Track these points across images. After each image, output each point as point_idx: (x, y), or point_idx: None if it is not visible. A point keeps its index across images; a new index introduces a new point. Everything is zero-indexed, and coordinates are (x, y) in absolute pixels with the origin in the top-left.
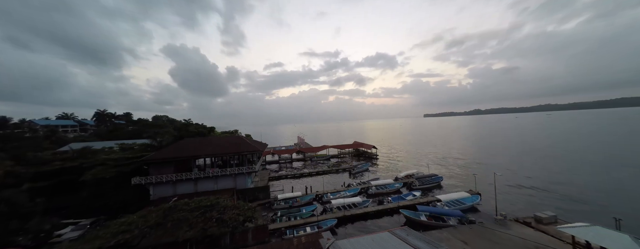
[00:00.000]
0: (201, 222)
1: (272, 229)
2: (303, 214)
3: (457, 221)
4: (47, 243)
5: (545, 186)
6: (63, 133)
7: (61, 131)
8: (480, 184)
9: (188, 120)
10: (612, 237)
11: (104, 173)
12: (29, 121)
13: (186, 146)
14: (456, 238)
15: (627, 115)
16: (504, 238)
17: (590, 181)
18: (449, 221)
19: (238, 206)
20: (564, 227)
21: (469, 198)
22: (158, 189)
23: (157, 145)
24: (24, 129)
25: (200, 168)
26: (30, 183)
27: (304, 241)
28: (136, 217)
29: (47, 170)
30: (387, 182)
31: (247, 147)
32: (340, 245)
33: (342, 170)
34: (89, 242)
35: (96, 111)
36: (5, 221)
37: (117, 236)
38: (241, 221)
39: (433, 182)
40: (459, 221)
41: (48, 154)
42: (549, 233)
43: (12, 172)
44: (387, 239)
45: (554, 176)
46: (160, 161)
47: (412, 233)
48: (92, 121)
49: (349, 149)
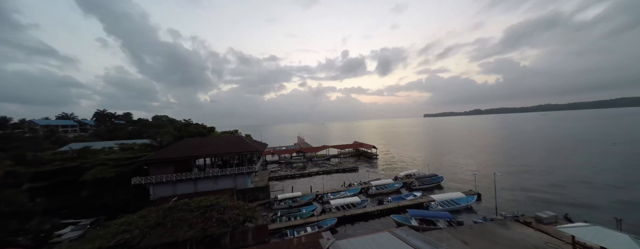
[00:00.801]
0: (201, 222)
1: (272, 229)
2: (303, 214)
3: (447, 224)
4: (47, 243)
5: (545, 186)
6: (63, 133)
7: (61, 131)
8: (482, 184)
9: (188, 120)
10: (612, 237)
11: (104, 173)
12: (28, 121)
13: (186, 146)
14: (456, 238)
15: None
16: (504, 237)
17: (590, 182)
18: (438, 224)
19: (238, 206)
20: (564, 227)
21: (463, 198)
22: (158, 189)
23: (157, 145)
24: (24, 129)
25: (200, 168)
26: (30, 183)
27: (304, 241)
28: (136, 217)
29: (47, 170)
30: (387, 182)
31: (247, 148)
32: (340, 245)
33: (342, 170)
34: (89, 242)
35: (96, 110)
36: (5, 221)
37: (117, 236)
38: (241, 221)
39: (433, 183)
40: (448, 223)
41: (48, 154)
42: (549, 233)
43: (12, 172)
44: (387, 239)
45: (552, 177)
46: (160, 161)
47: (412, 233)
48: (92, 121)
49: (348, 149)
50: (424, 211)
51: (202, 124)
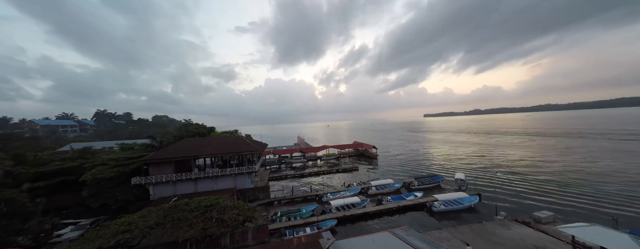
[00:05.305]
0: (201, 222)
1: (272, 229)
2: (303, 215)
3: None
4: (47, 243)
5: (545, 186)
6: (63, 133)
7: (61, 130)
8: (482, 183)
9: (188, 120)
10: (612, 237)
11: (104, 173)
12: (29, 120)
13: (186, 146)
14: (456, 238)
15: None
16: (504, 237)
17: (589, 182)
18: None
19: (238, 206)
20: (564, 227)
21: (466, 198)
22: (158, 189)
23: (157, 145)
24: (24, 129)
25: (200, 168)
26: (30, 183)
27: (304, 241)
28: (136, 217)
29: (47, 170)
30: (387, 182)
31: (247, 148)
32: (340, 245)
33: (342, 170)
34: (89, 242)
35: (96, 110)
36: (5, 221)
37: (117, 236)
38: (241, 221)
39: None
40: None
41: (48, 154)
42: (549, 232)
43: (12, 172)
44: (387, 239)
45: (553, 176)
46: (160, 161)
47: (412, 233)
48: (92, 120)
49: (348, 149)
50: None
51: (203, 124)
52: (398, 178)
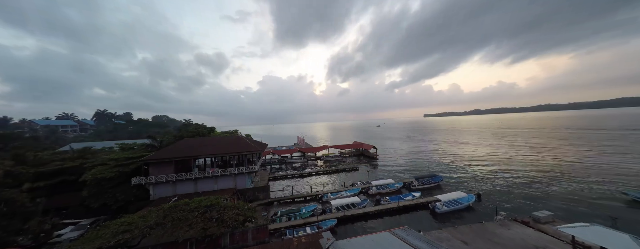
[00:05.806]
0: (201, 222)
1: (272, 229)
2: (303, 214)
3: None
4: (47, 243)
5: (544, 186)
6: (63, 133)
7: (61, 130)
8: (482, 183)
9: (188, 120)
10: (612, 236)
11: (104, 173)
12: (29, 120)
13: (186, 146)
14: (456, 238)
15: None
16: (504, 237)
17: (587, 181)
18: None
19: (238, 206)
20: (564, 227)
21: (465, 197)
22: (158, 189)
23: (157, 145)
24: (24, 129)
25: (200, 168)
26: (30, 183)
27: (304, 241)
28: (136, 217)
29: (47, 170)
30: (387, 182)
31: (247, 147)
32: (340, 245)
33: (342, 170)
34: (89, 242)
35: (96, 110)
36: (5, 221)
37: (117, 236)
38: (241, 221)
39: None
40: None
41: (48, 154)
42: (548, 232)
43: (12, 172)
44: (387, 239)
45: (551, 176)
46: (160, 161)
47: (412, 233)
48: (92, 120)
49: (348, 149)
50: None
51: (203, 124)
52: (398, 178)
